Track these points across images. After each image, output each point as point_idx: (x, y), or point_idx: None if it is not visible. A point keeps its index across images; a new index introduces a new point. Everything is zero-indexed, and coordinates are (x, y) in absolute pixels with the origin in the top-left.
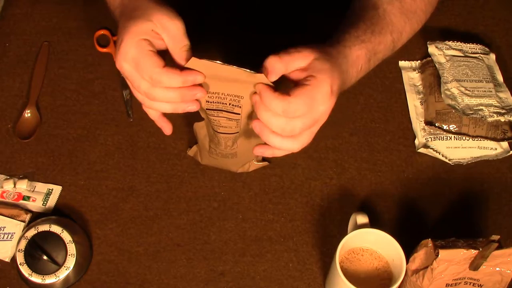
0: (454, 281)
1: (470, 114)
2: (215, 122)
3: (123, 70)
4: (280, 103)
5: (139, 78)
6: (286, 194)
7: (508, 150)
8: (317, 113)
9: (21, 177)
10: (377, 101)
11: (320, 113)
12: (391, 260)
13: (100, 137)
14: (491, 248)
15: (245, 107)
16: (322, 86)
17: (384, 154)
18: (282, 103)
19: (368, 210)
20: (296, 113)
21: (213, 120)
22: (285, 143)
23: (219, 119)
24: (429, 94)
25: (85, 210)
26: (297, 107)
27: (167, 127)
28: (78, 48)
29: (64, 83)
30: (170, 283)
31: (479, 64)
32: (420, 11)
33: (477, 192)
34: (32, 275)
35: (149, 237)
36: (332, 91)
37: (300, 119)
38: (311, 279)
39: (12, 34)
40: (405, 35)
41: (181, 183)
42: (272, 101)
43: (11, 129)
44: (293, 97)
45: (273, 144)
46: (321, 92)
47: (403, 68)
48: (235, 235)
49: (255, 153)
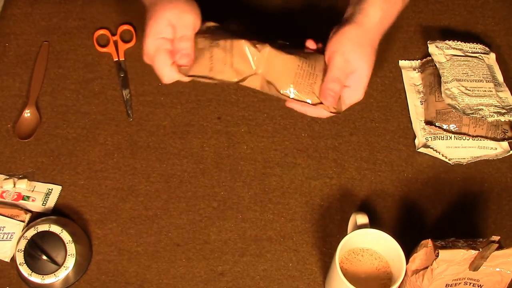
0: (454, 282)
1: (470, 113)
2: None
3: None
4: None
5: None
6: (286, 194)
7: (508, 150)
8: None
9: (21, 177)
10: (377, 101)
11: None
12: (391, 260)
13: (100, 137)
14: (491, 249)
15: None
16: (357, 94)
17: (384, 153)
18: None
19: (368, 210)
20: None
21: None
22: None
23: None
24: (429, 94)
25: (84, 210)
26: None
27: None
28: (77, 48)
29: (63, 83)
30: (169, 283)
31: (479, 64)
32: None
33: (477, 192)
34: (31, 275)
35: (148, 237)
36: (365, 90)
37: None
38: (311, 279)
39: (12, 34)
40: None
41: (180, 182)
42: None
43: (11, 129)
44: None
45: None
46: (355, 99)
47: (403, 68)
48: (235, 235)
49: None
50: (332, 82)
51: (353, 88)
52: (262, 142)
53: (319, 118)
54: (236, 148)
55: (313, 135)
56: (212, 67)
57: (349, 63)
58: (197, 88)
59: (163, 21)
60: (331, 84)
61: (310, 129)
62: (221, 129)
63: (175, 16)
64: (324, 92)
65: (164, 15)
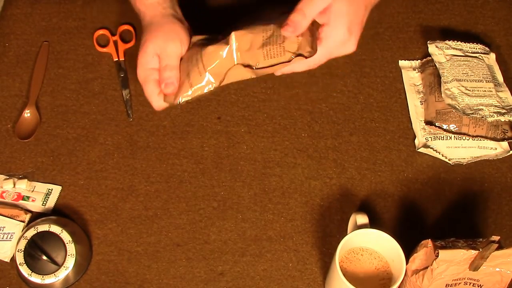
0: (454, 282)
1: (470, 113)
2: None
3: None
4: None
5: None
6: (286, 194)
7: (508, 150)
8: (339, 55)
9: (21, 177)
10: (377, 101)
11: (343, 54)
12: (391, 260)
13: (100, 137)
14: (491, 249)
15: None
16: (338, 33)
17: (384, 153)
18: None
19: (368, 210)
20: (319, 63)
21: None
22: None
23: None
24: (429, 94)
25: (84, 210)
26: (319, 61)
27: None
28: (77, 48)
29: (63, 83)
30: (169, 283)
31: (479, 64)
32: None
33: (477, 192)
34: (31, 275)
35: (148, 237)
36: (351, 31)
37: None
38: (311, 279)
39: (12, 34)
40: None
41: (180, 182)
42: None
43: (11, 129)
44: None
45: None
46: (338, 39)
47: (403, 68)
48: (235, 235)
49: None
50: (294, 14)
51: (332, 25)
52: (262, 142)
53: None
54: (236, 148)
55: (313, 135)
56: (191, 83)
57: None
58: None
59: (149, 52)
60: (294, 16)
61: (310, 129)
62: (221, 129)
63: (159, 47)
64: (286, 24)
65: (149, 46)
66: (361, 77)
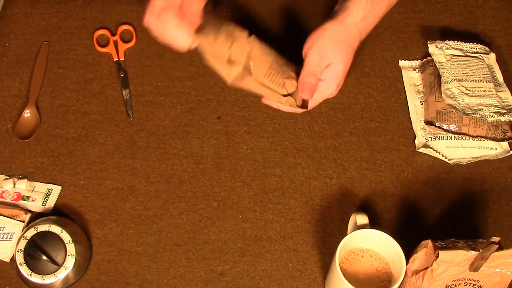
0: (454, 282)
1: (470, 114)
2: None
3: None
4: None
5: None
6: (286, 194)
7: (508, 150)
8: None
9: (21, 177)
10: (377, 101)
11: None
12: (391, 261)
13: (100, 137)
14: (491, 250)
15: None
16: (329, 89)
17: (384, 153)
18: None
19: (368, 210)
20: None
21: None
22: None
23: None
24: (429, 94)
25: (84, 210)
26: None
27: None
28: (77, 48)
29: (63, 83)
30: (169, 283)
31: (480, 64)
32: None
33: (477, 192)
34: (31, 275)
35: (148, 237)
36: (338, 87)
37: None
38: (311, 279)
39: (12, 34)
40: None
41: (180, 182)
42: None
43: (11, 129)
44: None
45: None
46: (327, 94)
47: (403, 68)
48: (235, 235)
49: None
50: (308, 76)
51: (326, 82)
52: (262, 142)
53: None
54: (236, 148)
55: (313, 135)
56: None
57: (325, 57)
58: (197, 88)
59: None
60: (308, 78)
61: (310, 129)
62: (221, 129)
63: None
64: (302, 85)
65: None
66: (361, 77)
